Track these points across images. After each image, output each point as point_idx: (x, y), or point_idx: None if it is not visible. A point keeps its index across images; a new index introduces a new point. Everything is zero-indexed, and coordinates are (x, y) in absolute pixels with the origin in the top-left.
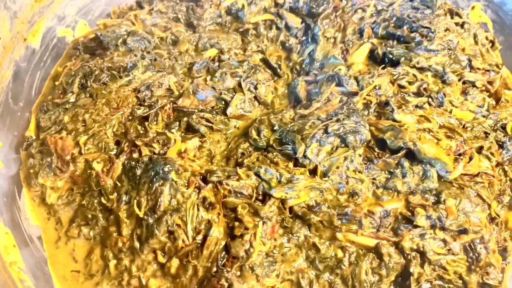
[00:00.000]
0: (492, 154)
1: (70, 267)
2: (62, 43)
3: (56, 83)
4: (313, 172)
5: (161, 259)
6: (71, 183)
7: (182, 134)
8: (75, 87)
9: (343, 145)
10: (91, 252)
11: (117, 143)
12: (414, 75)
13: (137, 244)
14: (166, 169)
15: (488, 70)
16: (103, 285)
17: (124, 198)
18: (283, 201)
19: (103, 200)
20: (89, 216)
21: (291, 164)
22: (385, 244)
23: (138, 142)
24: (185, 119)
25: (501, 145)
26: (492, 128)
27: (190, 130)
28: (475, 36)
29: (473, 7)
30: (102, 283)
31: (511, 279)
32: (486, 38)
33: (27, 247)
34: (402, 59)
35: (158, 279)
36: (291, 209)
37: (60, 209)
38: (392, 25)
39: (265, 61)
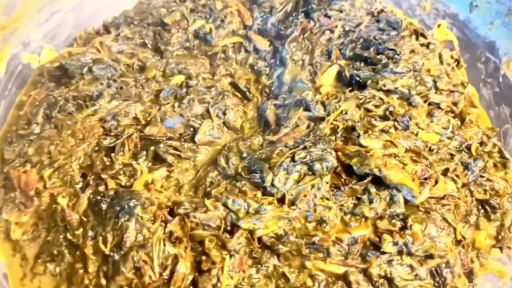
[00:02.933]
0: (457, 176)
1: None
2: (27, 70)
3: (21, 113)
4: (281, 200)
5: None
6: (36, 218)
7: (150, 163)
8: (40, 118)
9: (310, 172)
10: None
11: (83, 175)
12: (381, 98)
13: (103, 281)
14: (131, 204)
15: (452, 91)
16: None
17: (90, 233)
18: (251, 232)
19: (69, 236)
20: (55, 252)
21: (259, 193)
22: (354, 271)
23: (104, 175)
24: (152, 148)
25: (466, 167)
26: (457, 149)
27: (157, 159)
28: (440, 55)
29: (439, 25)
30: None
31: None
32: (452, 57)
33: None
34: (369, 81)
35: None
36: (259, 239)
37: (25, 245)
38: (359, 46)
39: (234, 85)
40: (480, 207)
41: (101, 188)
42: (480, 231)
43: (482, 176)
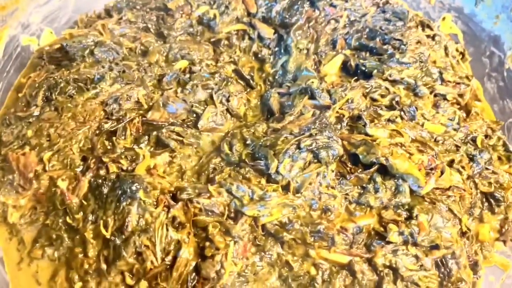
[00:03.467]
0: (463, 167)
1: None
2: (26, 52)
3: (20, 95)
4: (286, 188)
5: (129, 281)
6: (35, 202)
7: (152, 149)
8: (39, 100)
9: (315, 160)
10: (56, 274)
11: (84, 159)
12: (387, 88)
13: (104, 266)
14: (133, 188)
15: (458, 83)
16: None
17: (91, 217)
18: (255, 219)
19: (68, 220)
20: (54, 236)
21: (263, 180)
22: (358, 260)
23: (105, 159)
24: (155, 133)
25: (471, 159)
26: (462, 141)
27: (159, 144)
28: (446, 48)
29: (443, 18)
30: None
31: None
32: (457, 50)
33: None
34: (375, 71)
35: None
36: (263, 226)
37: (23, 229)
38: (365, 36)
39: (237, 72)
40: (484, 199)
41: (102, 172)
42: (484, 224)
43: (487, 169)
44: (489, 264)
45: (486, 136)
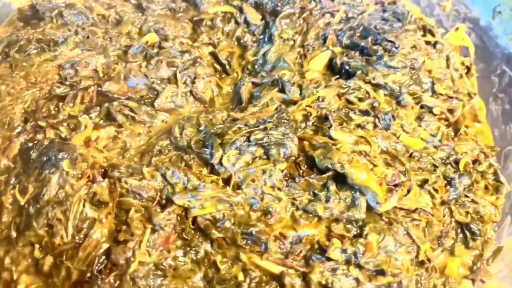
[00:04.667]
0: (436, 190)
1: None
2: (6, 9)
3: None
4: (227, 182)
5: (37, 254)
6: None
7: (101, 121)
8: None
9: (265, 157)
10: None
11: (25, 121)
12: (367, 92)
13: (14, 234)
14: (59, 156)
15: (451, 97)
16: None
17: (13, 181)
18: (186, 210)
19: None
20: None
21: (205, 170)
22: (291, 273)
23: (42, 123)
24: (106, 105)
25: (449, 182)
26: (443, 161)
27: (109, 118)
28: (447, 58)
29: (457, 28)
30: None
31: None
32: (462, 63)
33: None
34: (359, 72)
35: (31, 277)
36: (194, 220)
37: None
38: (358, 34)
39: (214, 56)
40: (459, 230)
41: (40, 136)
42: (454, 257)
43: (466, 196)
44: None
45: (476, 161)
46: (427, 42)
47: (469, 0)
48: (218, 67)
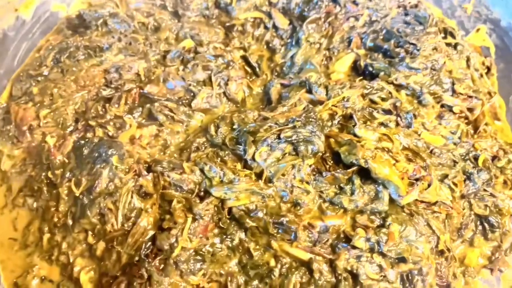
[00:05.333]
0: (455, 184)
1: (9, 234)
2: (54, 18)
3: (36, 55)
4: (259, 176)
5: (91, 240)
6: (27, 154)
7: (144, 120)
8: (49, 61)
9: (294, 153)
10: (31, 223)
11: (76, 120)
12: (390, 92)
13: (70, 222)
14: (109, 153)
15: (470, 96)
16: (34, 257)
17: (68, 175)
18: (223, 201)
19: (49, 174)
20: (35, 187)
21: (239, 165)
22: (319, 260)
23: (92, 122)
24: (148, 105)
25: (468, 177)
26: (462, 157)
27: (151, 117)
28: (468, 59)
29: (478, 30)
30: (34, 254)
31: None
32: (483, 63)
33: None
34: (382, 73)
35: (85, 260)
36: (230, 210)
37: (13, 177)
38: (381, 37)
39: (245, 59)
40: (478, 223)
41: (90, 135)
42: (473, 248)
43: (485, 190)
44: None
45: (495, 157)
46: (448, 44)
47: (490, 2)
48: (248, 69)
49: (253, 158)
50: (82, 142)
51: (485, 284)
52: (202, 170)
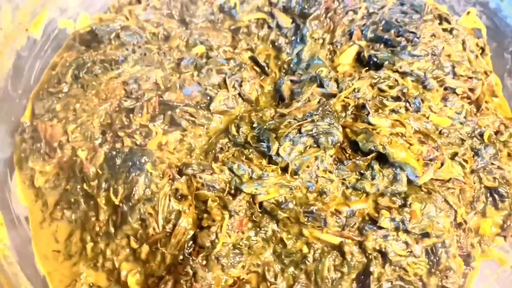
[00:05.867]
0: (465, 161)
1: (51, 247)
2: (63, 34)
3: (53, 73)
4: (285, 170)
5: (134, 244)
6: (58, 169)
7: (166, 127)
8: (68, 78)
9: (315, 145)
10: (72, 234)
11: (103, 133)
12: (396, 80)
13: (112, 229)
14: (142, 160)
15: (471, 77)
16: (80, 266)
17: (104, 185)
18: (253, 197)
19: (85, 186)
20: (72, 200)
21: (264, 161)
22: (349, 242)
23: (121, 133)
24: (169, 112)
25: (476, 153)
26: (469, 135)
27: (173, 123)
28: (463, 42)
29: (468, 12)
30: (79, 263)
31: (477, 283)
32: (477, 45)
33: (14, 225)
34: (386, 62)
35: (130, 263)
36: (260, 204)
37: (47, 192)
38: (381, 28)
39: (253, 59)
40: (488, 194)
41: (118, 145)
42: (486, 219)
43: (492, 164)
44: (487, 258)
45: (497, 132)
46: (444, 29)
47: None
48: (257, 69)
49: (277, 154)
50: (114, 153)
51: (501, 251)
52: (231, 169)
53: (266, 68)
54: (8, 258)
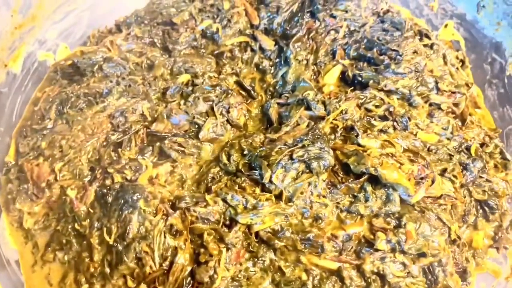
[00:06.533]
0: (455, 176)
1: None
2: (43, 67)
3: (35, 108)
4: (279, 197)
5: (131, 284)
6: (47, 209)
7: (155, 159)
8: (52, 114)
9: (307, 170)
10: (65, 276)
11: (92, 169)
12: (382, 99)
13: (107, 270)
14: (135, 198)
15: (454, 92)
16: None
17: (96, 224)
18: (249, 227)
19: (76, 226)
20: (64, 241)
21: (258, 190)
22: (347, 267)
23: (110, 170)
24: (158, 144)
25: (464, 167)
26: (456, 150)
27: (162, 155)
28: (444, 56)
29: (446, 25)
30: None
31: None
32: (457, 57)
33: (5, 270)
34: (371, 82)
35: None
36: (257, 234)
37: (37, 234)
38: (363, 46)
39: (239, 83)
40: (479, 207)
41: (108, 182)
42: (478, 231)
43: (481, 177)
44: (481, 271)
45: (483, 144)
46: (425, 45)
47: None
48: (243, 93)
49: (270, 181)
50: (104, 190)
51: (494, 263)
52: (224, 200)
53: (252, 92)
54: None
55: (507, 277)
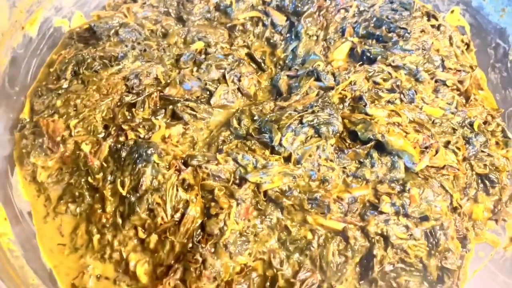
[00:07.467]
0: (458, 148)
1: (56, 241)
2: (58, 33)
3: (51, 70)
4: (288, 159)
5: (141, 234)
6: (61, 163)
7: (167, 121)
8: (68, 74)
9: (316, 135)
10: (77, 227)
11: (105, 127)
12: (389, 73)
13: (119, 220)
14: (149, 152)
15: (459, 70)
16: (87, 258)
17: (109, 178)
18: (258, 186)
19: (89, 179)
20: (76, 194)
21: (267, 152)
22: (352, 228)
23: (125, 127)
24: (171, 107)
25: (467, 141)
26: (460, 125)
27: (175, 117)
28: (450, 38)
29: (452, 11)
30: (86, 256)
31: (472, 265)
32: (462, 41)
33: (17, 220)
34: (379, 57)
35: (138, 254)
36: (265, 193)
37: (50, 187)
38: (372, 25)
39: (250, 56)
40: (479, 181)
41: (122, 139)
42: (478, 204)
43: (483, 151)
44: (480, 241)
45: (485, 122)
46: (432, 26)
47: None
48: (254, 65)
49: (280, 144)
50: (118, 146)
51: (493, 234)
52: (235, 160)
53: (263, 64)
54: (14, 252)
55: (505, 246)
